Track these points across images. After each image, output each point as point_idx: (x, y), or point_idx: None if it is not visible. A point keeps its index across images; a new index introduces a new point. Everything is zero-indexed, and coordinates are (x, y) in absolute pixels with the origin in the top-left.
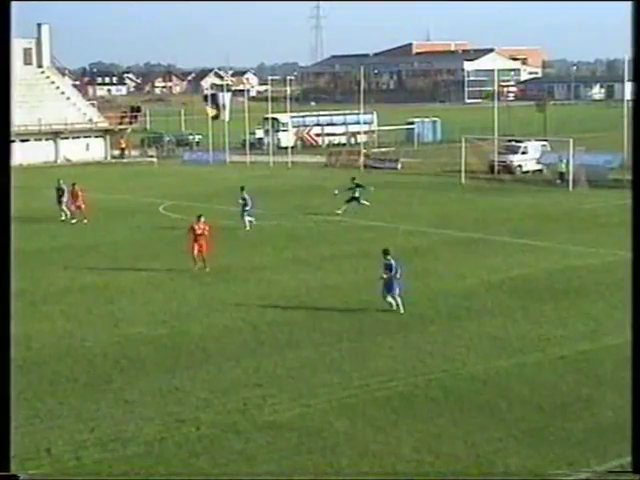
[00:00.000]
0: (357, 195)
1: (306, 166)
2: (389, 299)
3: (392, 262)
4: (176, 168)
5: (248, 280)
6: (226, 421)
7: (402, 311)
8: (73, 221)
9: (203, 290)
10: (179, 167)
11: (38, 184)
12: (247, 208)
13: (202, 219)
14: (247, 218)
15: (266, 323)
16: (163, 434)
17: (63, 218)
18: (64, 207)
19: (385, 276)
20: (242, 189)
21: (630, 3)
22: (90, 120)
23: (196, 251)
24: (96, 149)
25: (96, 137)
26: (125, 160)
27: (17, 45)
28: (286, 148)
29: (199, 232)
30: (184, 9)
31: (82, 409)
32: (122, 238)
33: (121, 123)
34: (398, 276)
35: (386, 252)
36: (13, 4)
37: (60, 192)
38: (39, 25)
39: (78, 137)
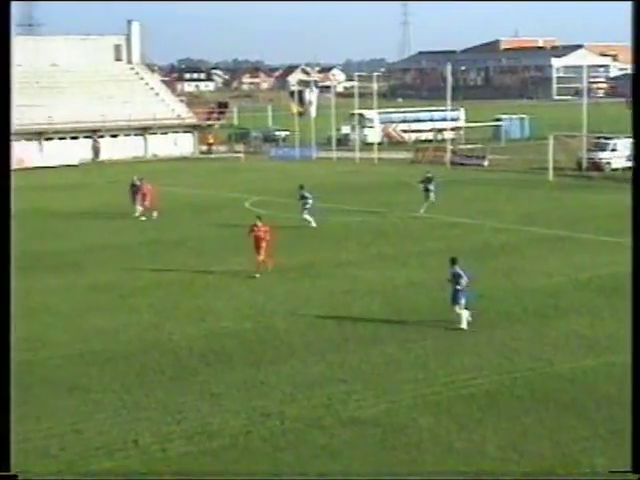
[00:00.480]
0: (431, 188)
1: (392, 162)
2: (456, 310)
3: (458, 271)
4: (263, 164)
5: (333, 276)
6: (310, 416)
7: (464, 327)
8: (143, 218)
9: (288, 285)
10: (266, 163)
11: (126, 179)
12: (308, 206)
13: (260, 221)
14: (306, 216)
15: (351, 319)
16: (248, 428)
17: (137, 214)
18: (137, 204)
19: (450, 282)
20: (301, 187)
21: (630, 3)
22: (178, 116)
23: (261, 255)
24: (184, 144)
25: (184, 132)
26: (212, 156)
27: (108, 42)
28: (372, 144)
29: (259, 233)
30: (272, 6)
31: (168, 401)
32: (208, 233)
33: (209, 119)
34: (460, 287)
35: (454, 261)
36: (14, 4)
37: (134, 189)
38: (129, 22)
39: (166, 133)
